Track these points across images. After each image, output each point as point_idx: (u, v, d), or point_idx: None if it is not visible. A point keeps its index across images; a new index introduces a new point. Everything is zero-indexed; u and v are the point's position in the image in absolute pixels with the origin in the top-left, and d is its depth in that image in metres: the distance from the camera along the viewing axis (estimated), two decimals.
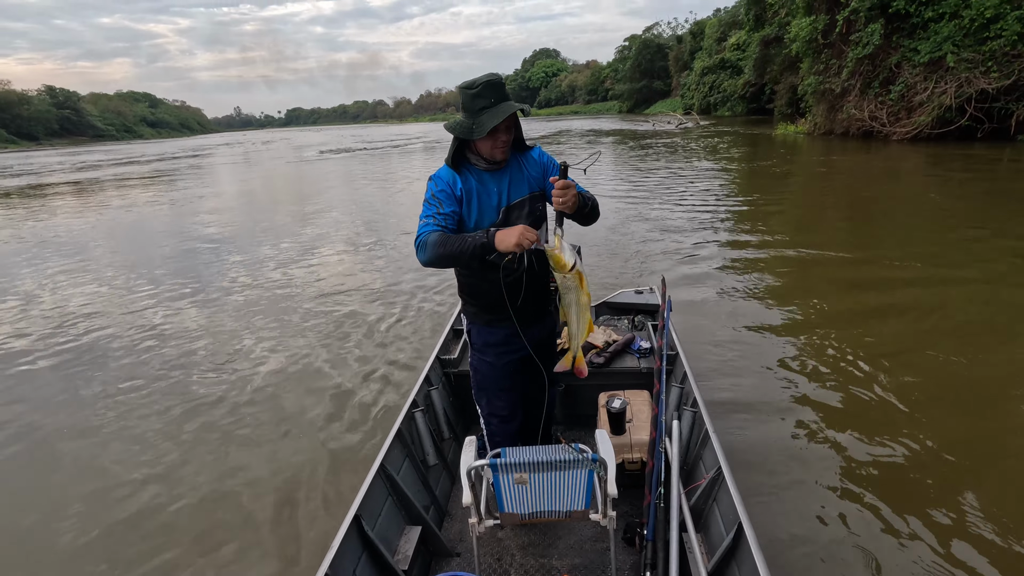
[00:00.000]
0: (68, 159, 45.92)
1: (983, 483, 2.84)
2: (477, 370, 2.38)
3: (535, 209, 2.12)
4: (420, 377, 2.98)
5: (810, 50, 21.41)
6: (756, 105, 41.33)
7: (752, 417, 3.51)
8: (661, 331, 2.90)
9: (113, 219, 13.35)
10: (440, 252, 1.85)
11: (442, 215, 1.95)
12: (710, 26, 55.81)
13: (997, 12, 15.55)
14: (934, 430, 3.26)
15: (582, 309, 1.90)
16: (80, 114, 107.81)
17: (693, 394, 2.70)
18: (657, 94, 74.78)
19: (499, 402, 2.38)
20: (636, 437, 2.70)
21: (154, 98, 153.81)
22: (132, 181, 23.25)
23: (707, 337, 4.62)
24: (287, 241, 9.64)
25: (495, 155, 2.00)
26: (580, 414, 3.27)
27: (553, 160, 2.18)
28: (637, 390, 3.02)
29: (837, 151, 17.84)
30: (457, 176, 2.01)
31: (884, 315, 4.94)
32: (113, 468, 3.50)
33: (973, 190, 10.56)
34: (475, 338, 2.31)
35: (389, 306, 5.97)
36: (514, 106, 1.88)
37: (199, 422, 3.95)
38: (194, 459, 3.54)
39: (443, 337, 3.43)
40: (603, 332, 3.35)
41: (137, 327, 5.86)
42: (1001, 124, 16.48)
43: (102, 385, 4.59)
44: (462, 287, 2.27)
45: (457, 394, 3.27)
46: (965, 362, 3.99)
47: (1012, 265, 6.01)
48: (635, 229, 8.69)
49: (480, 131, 1.86)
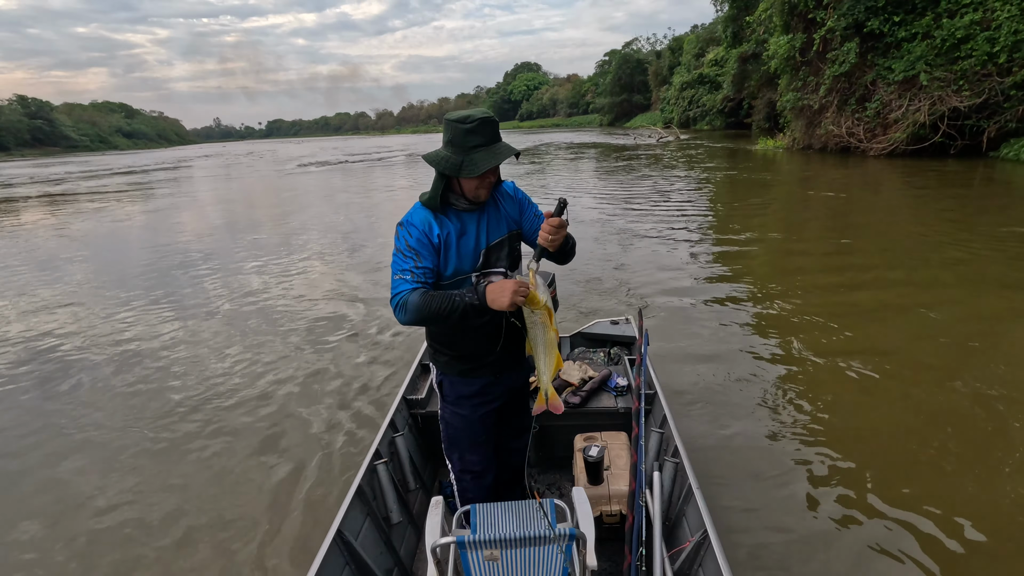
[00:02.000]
0: (27, 172, 44.74)
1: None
2: (449, 424, 2.16)
3: (513, 250, 1.98)
4: (384, 423, 2.74)
5: (788, 67, 21.72)
6: (734, 119, 41.90)
7: (740, 468, 3.24)
8: (638, 368, 2.73)
9: (62, 241, 12.86)
10: (424, 315, 1.71)
11: (420, 269, 1.77)
12: (688, 42, 56.69)
13: (967, 33, 15.90)
14: (970, 494, 3.03)
15: (549, 346, 1.80)
16: (53, 124, 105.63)
17: (674, 441, 2.50)
18: (637, 108, 75.60)
19: (472, 456, 2.18)
20: (615, 487, 2.50)
21: (131, 108, 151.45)
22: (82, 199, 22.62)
23: (686, 371, 4.41)
24: (259, 261, 9.33)
25: (479, 196, 1.82)
26: (556, 456, 3.06)
27: (527, 196, 2.05)
28: (615, 432, 2.83)
29: (816, 165, 18.04)
30: (434, 222, 1.82)
31: (879, 343, 4.81)
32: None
33: (956, 204, 10.65)
34: (448, 391, 2.11)
35: (362, 337, 5.71)
36: (512, 149, 1.74)
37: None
38: (95, 549, 2.97)
39: (410, 374, 3.19)
40: (579, 368, 3.15)
41: (64, 361, 5.52)
42: (973, 141, 16.80)
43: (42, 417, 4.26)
44: (433, 335, 2.07)
45: (425, 437, 3.03)
46: (986, 417, 3.86)
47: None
48: (615, 243, 8.54)
49: (473, 170, 1.71)
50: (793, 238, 8.88)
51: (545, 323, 1.77)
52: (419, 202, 1.87)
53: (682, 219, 10.54)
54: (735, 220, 10.33)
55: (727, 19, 33.95)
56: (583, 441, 2.77)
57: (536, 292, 1.69)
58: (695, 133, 43.84)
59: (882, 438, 3.43)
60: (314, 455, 3.63)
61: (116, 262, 9.71)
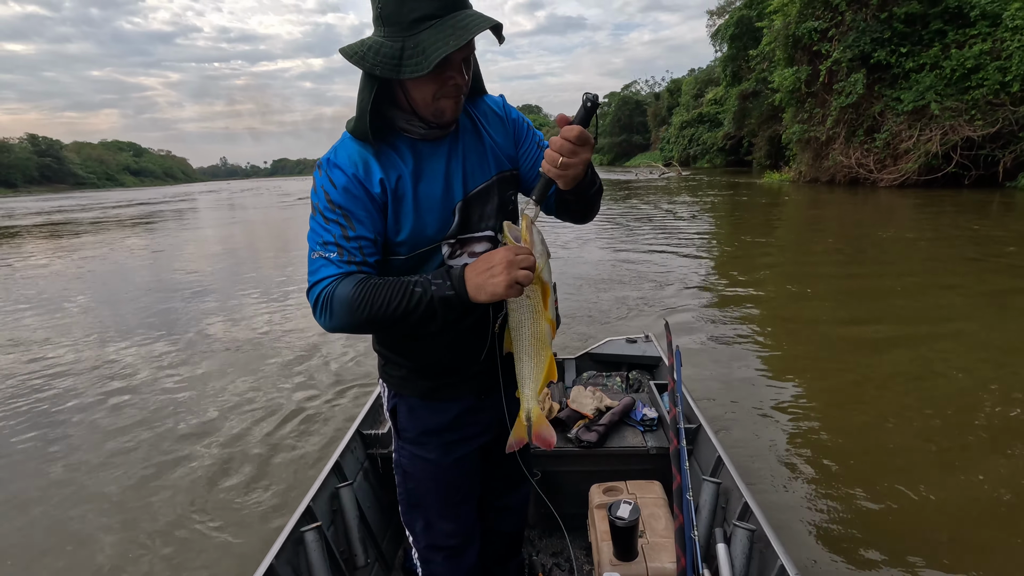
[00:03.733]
0: (27, 206, 44.71)
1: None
2: (408, 474, 1.38)
3: (506, 199, 1.25)
4: (324, 469, 1.94)
5: (793, 100, 21.52)
6: (735, 157, 41.93)
7: (836, 539, 2.39)
8: (672, 394, 1.96)
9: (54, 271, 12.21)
10: (361, 316, 1.02)
11: (354, 242, 1.06)
12: (686, 84, 57.61)
13: (977, 63, 15.63)
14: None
15: (540, 341, 1.13)
16: (61, 162, 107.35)
17: (742, 495, 1.72)
18: (637, 147, 76.42)
19: (446, 525, 1.40)
20: (654, 565, 1.71)
21: (139, 147, 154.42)
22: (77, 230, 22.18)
23: (728, 401, 3.63)
24: (248, 296, 8.61)
25: (443, 112, 1.08)
26: (564, 513, 2.25)
27: (524, 118, 1.30)
28: (645, 480, 2.04)
29: (825, 197, 17.49)
30: (372, 160, 1.07)
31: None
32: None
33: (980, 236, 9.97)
34: (405, 422, 1.34)
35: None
36: (487, 19, 0.99)
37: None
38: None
39: (370, 401, 2.42)
40: (592, 396, 2.37)
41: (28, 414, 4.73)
42: (988, 171, 16.28)
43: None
44: (383, 337, 1.31)
45: (387, 487, 2.23)
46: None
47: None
48: (621, 272, 7.83)
49: (421, 64, 0.97)
50: (805, 268, 8.17)
51: (536, 305, 1.10)
52: (346, 131, 1.12)
53: (690, 247, 9.87)
54: (742, 250, 9.66)
55: (726, 59, 34.26)
56: (602, 494, 2.00)
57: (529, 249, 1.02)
58: (696, 170, 43.81)
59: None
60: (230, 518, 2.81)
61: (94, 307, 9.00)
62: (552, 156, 1.01)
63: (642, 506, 1.91)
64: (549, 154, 1.02)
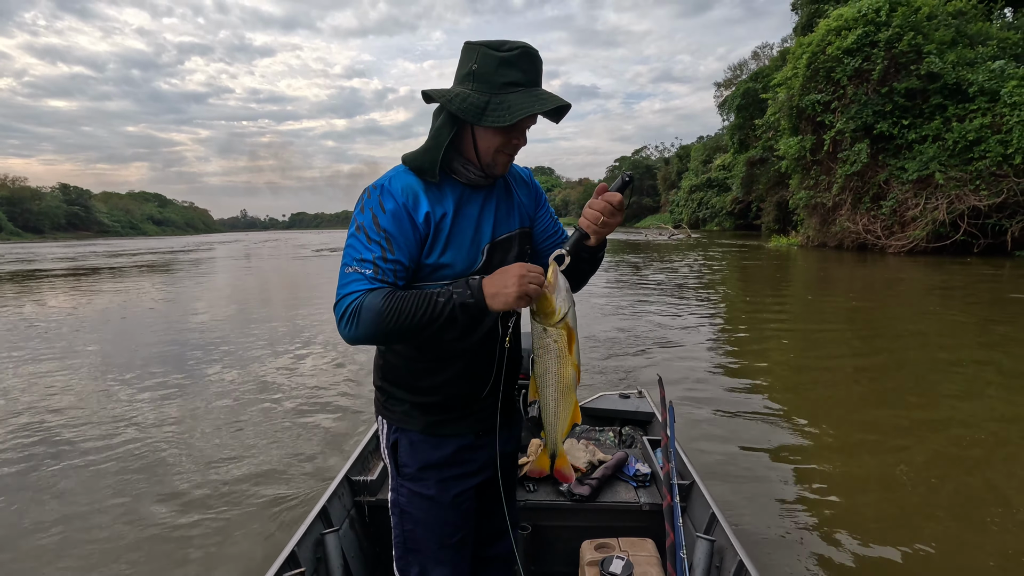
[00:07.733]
0: (50, 251, 45.91)
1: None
2: (405, 514, 1.40)
3: (523, 252, 1.40)
4: (310, 515, 1.93)
5: (799, 167, 21.96)
6: (743, 221, 42.47)
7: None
8: (666, 450, 1.96)
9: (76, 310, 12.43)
10: (387, 324, 1.12)
11: (390, 264, 1.17)
12: (695, 150, 59.20)
13: (978, 135, 15.98)
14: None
15: (564, 387, 1.23)
16: (89, 210, 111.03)
17: (736, 552, 1.68)
18: (646, 210, 77.81)
19: (441, 570, 1.40)
20: None
21: (164, 198, 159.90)
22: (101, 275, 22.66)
23: (723, 457, 3.57)
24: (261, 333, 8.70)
25: (497, 165, 1.25)
26: (553, 571, 2.19)
27: (543, 191, 1.51)
28: (637, 538, 2.00)
29: (833, 262, 17.54)
30: (422, 194, 1.20)
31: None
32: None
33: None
34: (406, 457, 1.37)
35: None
36: (558, 97, 1.19)
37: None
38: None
39: (361, 445, 2.41)
40: (585, 449, 2.36)
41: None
42: (996, 240, 16.33)
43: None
44: (388, 369, 1.37)
45: (374, 536, 2.20)
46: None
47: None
48: (618, 327, 7.83)
49: (503, 117, 1.14)
50: (814, 330, 8.12)
51: (562, 351, 1.20)
52: (402, 164, 1.25)
53: (696, 309, 9.87)
54: (749, 312, 9.65)
55: (734, 127, 35.36)
56: (594, 550, 1.96)
57: (553, 296, 1.17)
58: (705, 233, 44.33)
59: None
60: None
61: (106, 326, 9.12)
62: (594, 215, 1.18)
63: (635, 563, 1.87)
64: (590, 213, 1.19)
